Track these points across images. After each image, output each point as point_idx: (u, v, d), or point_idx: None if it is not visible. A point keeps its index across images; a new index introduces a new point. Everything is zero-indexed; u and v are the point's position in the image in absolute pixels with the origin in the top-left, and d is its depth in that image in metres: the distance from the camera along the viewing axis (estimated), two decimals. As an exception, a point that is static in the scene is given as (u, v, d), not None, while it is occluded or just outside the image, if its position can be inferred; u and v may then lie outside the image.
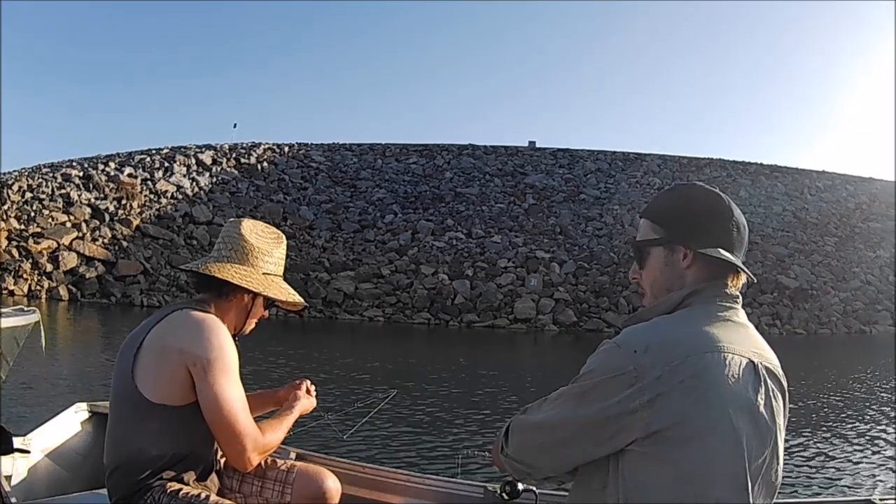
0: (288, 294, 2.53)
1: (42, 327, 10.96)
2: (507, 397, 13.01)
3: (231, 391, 2.24)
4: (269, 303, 2.54)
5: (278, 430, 2.47)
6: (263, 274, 2.48)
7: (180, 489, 2.26)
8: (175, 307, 2.32)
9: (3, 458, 2.78)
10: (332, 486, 2.60)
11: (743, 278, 1.79)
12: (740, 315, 1.73)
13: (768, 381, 1.65)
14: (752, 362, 1.63)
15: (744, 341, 1.66)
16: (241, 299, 2.47)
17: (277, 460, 2.66)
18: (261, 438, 2.33)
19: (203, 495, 2.28)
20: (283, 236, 2.64)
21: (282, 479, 2.57)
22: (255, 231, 2.52)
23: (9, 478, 2.83)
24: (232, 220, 2.57)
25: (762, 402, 1.61)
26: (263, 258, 2.49)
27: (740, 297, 1.77)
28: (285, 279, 2.60)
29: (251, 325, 2.55)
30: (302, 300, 2.61)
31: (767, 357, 1.70)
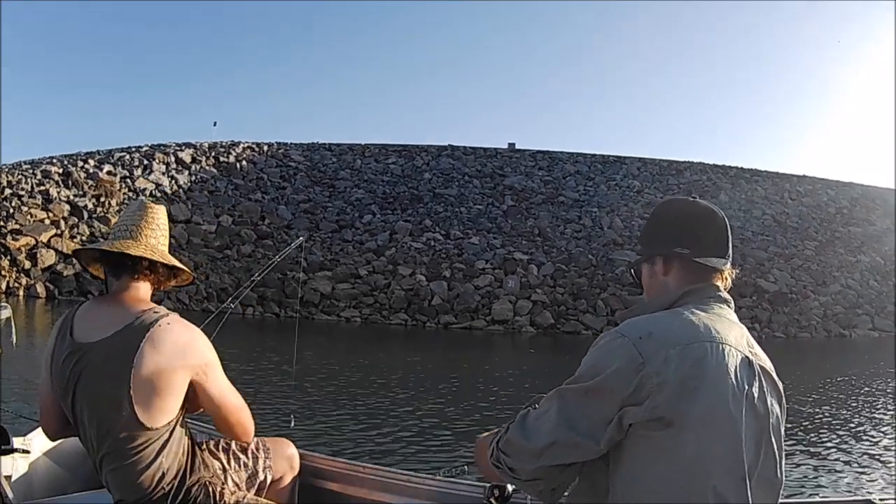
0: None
1: (14, 322, 10.97)
2: (489, 401, 13.03)
3: (225, 380, 2.40)
4: None
5: None
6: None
7: (222, 490, 2.40)
8: (143, 325, 2.22)
9: (3, 458, 2.80)
10: (293, 451, 2.91)
11: (729, 281, 1.86)
12: (733, 316, 1.80)
13: (762, 378, 1.70)
14: (748, 358, 1.69)
15: (740, 338, 1.72)
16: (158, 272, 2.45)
17: None
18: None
19: (247, 498, 2.44)
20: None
21: (263, 449, 2.78)
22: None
23: (9, 478, 2.85)
24: (136, 203, 2.50)
25: (756, 396, 1.65)
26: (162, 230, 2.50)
27: (732, 301, 1.83)
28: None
29: None
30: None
31: (761, 357, 1.76)
